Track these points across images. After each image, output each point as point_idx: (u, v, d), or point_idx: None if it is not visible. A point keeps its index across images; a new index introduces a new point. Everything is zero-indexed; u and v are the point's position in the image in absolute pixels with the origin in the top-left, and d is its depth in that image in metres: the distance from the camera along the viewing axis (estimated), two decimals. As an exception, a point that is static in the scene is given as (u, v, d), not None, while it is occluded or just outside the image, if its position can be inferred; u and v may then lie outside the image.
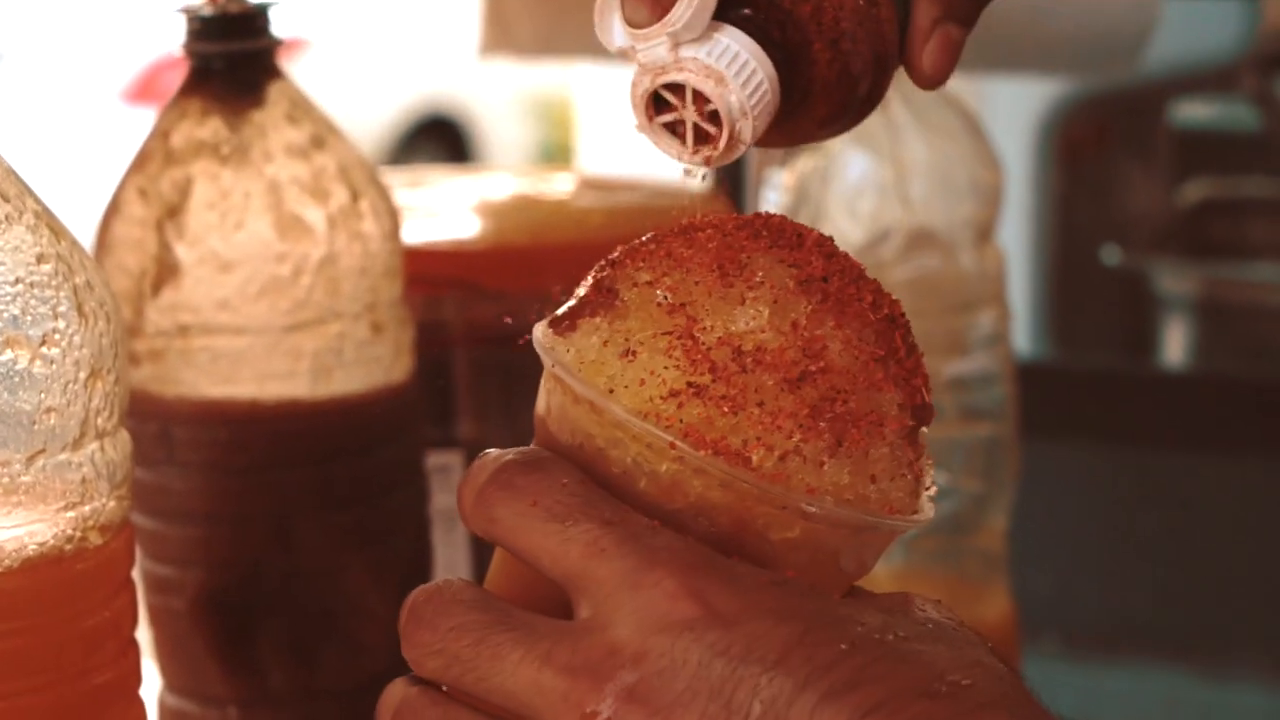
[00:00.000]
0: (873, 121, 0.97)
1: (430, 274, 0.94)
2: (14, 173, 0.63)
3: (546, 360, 0.55)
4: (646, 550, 0.51)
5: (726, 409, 0.52)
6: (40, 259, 0.62)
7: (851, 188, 0.97)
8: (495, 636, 0.51)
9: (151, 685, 0.81)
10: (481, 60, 1.34)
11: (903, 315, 0.56)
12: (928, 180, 0.97)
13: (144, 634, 0.79)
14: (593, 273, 0.56)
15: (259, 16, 0.80)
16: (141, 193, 0.79)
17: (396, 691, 0.54)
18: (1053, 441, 1.38)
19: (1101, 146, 2.21)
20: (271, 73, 0.81)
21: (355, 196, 0.81)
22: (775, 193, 1.00)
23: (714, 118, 0.59)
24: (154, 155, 0.80)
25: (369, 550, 0.82)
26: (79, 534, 0.63)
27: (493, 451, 0.55)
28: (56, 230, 0.63)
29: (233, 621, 0.80)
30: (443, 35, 4.83)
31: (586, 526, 0.51)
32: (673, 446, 0.52)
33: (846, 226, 0.97)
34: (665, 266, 0.55)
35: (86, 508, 0.63)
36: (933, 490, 0.57)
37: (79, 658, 0.62)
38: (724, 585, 0.51)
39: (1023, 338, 2.06)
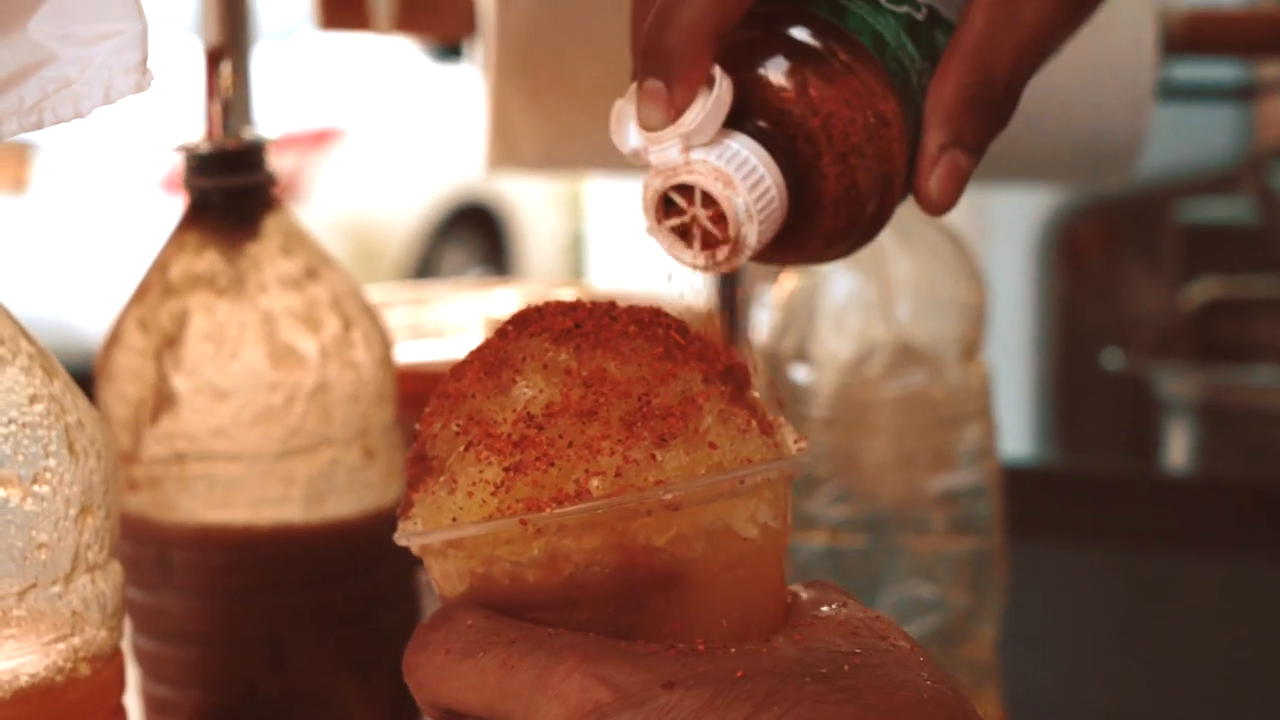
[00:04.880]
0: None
1: (427, 395, 0.96)
2: (9, 314, 0.66)
3: (411, 546, 0.58)
4: (550, 652, 0.54)
5: (544, 465, 0.55)
6: (33, 399, 0.64)
7: (838, 305, 0.99)
8: None
9: (150, 804, 0.83)
10: (489, 173, 1.38)
11: (668, 318, 0.58)
12: (913, 298, 0.99)
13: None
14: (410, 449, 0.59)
15: (255, 153, 0.83)
16: (141, 324, 0.82)
17: None
18: (1055, 544, 1.39)
19: (1106, 249, 2.23)
20: (267, 206, 0.83)
21: (347, 325, 0.83)
22: (765, 310, 1.02)
23: (721, 221, 0.60)
24: (153, 287, 0.82)
25: (362, 669, 0.84)
26: (70, 665, 0.65)
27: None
28: (50, 371, 0.66)
29: (229, 741, 0.82)
30: (475, 125, 4.87)
31: (495, 652, 0.54)
32: (523, 522, 0.55)
33: (834, 343, 0.99)
34: (447, 408, 0.58)
35: (77, 639, 0.65)
36: (802, 443, 0.58)
37: (69, 784, 0.64)
38: (629, 665, 0.53)
39: (1026, 441, 2.07)
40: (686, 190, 0.60)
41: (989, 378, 1.02)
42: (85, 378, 0.81)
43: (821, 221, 0.62)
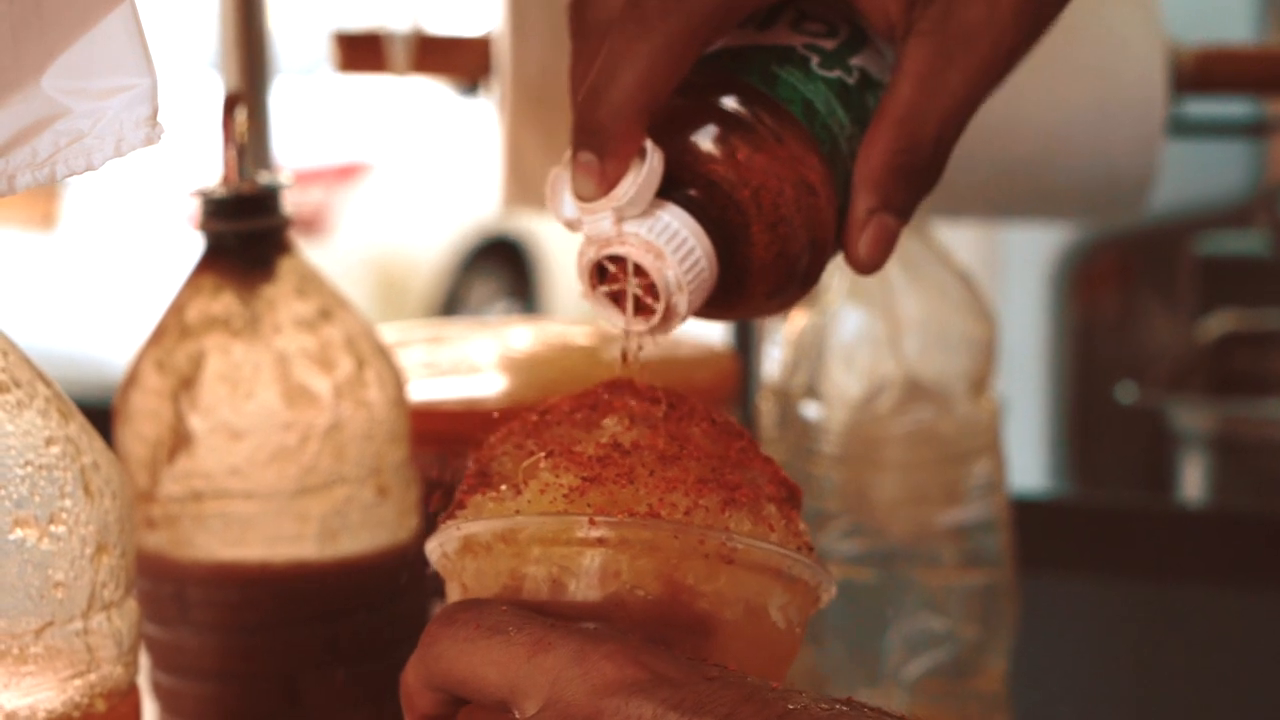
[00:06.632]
0: (867, 278, 1.01)
1: (441, 432, 0.98)
2: (26, 358, 0.67)
3: (449, 544, 0.59)
4: (590, 635, 0.54)
5: (624, 482, 0.57)
6: (49, 441, 0.66)
7: (848, 342, 1.00)
8: None
9: (167, 837, 0.84)
10: (505, 210, 1.39)
11: (741, 428, 0.62)
12: (922, 335, 1.00)
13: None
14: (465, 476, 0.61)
15: (270, 196, 0.84)
16: (158, 365, 0.83)
17: None
18: (1069, 577, 1.40)
19: (1121, 283, 2.24)
20: (282, 249, 0.85)
21: (361, 365, 0.84)
22: (776, 348, 1.03)
23: (653, 290, 0.62)
24: (170, 329, 0.84)
25: (376, 705, 0.85)
26: (86, 701, 0.66)
27: None
28: (66, 413, 0.67)
29: (245, 775, 0.83)
30: (493, 163, 4.88)
31: (531, 630, 0.55)
32: (592, 522, 0.56)
33: (844, 380, 1.00)
34: (522, 431, 0.60)
35: (93, 676, 0.66)
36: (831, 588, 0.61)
37: (85, 819, 0.66)
38: (667, 658, 0.54)
39: (1041, 474, 2.07)
40: (620, 259, 0.62)
41: (998, 413, 1.03)
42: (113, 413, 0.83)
43: (753, 284, 0.64)
